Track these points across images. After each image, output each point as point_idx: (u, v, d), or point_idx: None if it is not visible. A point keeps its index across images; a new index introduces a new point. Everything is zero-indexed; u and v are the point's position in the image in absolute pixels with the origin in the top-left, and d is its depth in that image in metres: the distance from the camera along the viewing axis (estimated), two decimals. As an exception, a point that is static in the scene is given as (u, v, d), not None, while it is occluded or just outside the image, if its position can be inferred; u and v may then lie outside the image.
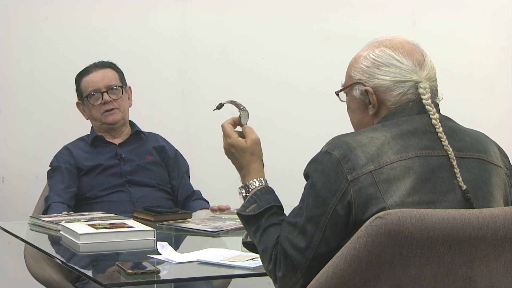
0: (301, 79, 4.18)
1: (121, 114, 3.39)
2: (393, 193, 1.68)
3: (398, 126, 1.77)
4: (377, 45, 1.85)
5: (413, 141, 1.75)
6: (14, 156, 4.06)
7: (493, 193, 1.78)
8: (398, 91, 1.80)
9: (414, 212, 1.58)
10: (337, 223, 1.70)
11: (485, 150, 1.83)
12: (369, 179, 1.70)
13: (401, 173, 1.70)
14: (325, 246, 1.71)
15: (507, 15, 4.20)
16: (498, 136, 4.20)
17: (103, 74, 3.38)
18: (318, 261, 1.71)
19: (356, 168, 1.71)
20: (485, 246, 1.63)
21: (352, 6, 4.15)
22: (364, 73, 1.83)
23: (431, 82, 1.82)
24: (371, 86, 1.82)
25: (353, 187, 1.70)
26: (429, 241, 1.58)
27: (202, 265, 2.13)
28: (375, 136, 1.75)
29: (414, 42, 1.87)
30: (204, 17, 4.13)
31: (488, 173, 1.79)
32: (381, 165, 1.71)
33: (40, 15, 4.06)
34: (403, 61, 1.81)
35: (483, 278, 1.65)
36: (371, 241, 1.56)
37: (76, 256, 2.42)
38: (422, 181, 1.71)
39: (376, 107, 1.83)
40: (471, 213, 1.62)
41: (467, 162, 1.78)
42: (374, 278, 1.59)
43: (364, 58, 1.84)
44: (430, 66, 1.83)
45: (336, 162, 1.72)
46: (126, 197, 3.29)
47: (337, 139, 1.77)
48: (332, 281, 1.59)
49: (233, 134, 2.02)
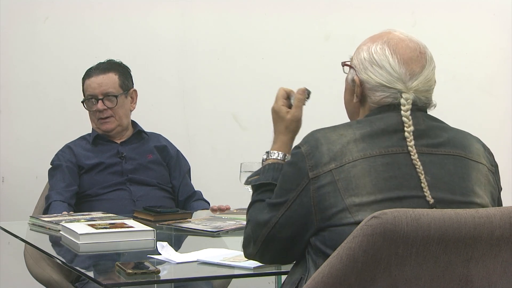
0: (301, 79, 4.17)
1: (117, 122, 3.36)
2: (352, 192, 1.71)
3: (371, 124, 1.79)
4: (383, 41, 1.85)
5: (381, 139, 1.77)
6: (14, 156, 4.06)
7: (473, 188, 1.78)
8: (381, 93, 1.82)
9: (410, 212, 1.58)
10: (292, 215, 1.77)
11: (464, 147, 1.82)
12: (329, 178, 1.73)
13: (362, 171, 1.72)
14: (277, 231, 1.80)
15: (507, 15, 4.20)
16: (498, 136, 4.23)
17: (102, 80, 3.34)
18: (272, 242, 1.81)
19: (318, 166, 1.75)
20: (481, 246, 1.63)
21: (352, 6, 4.15)
22: (360, 63, 1.86)
23: (420, 93, 1.82)
24: (360, 79, 1.85)
25: (313, 185, 1.74)
26: (425, 240, 1.58)
27: (202, 265, 2.13)
28: (345, 134, 1.78)
29: (421, 48, 1.84)
30: (204, 17, 4.13)
31: (466, 169, 1.79)
32: (343, 163, 1.74)
33: (40, 15, 4.06)
34: (395, 68, 1.81)
35: (480, 278, 1.65)
36: (366, 241, 1.56)
37: (76, 256, 2.42)
38: (385, 179, 1.72)
39: (359, 98, 1.86)
40: (467, 212, 1.62)
41: (440, 158, 1.78)
42: (370, 278, 1.59)
43: (366, 49, 1.86)
44: (426, 78, 1.82)
45: (302, 157, 1.78)
46: (126, 196, 3.29)
47: (311, 134, 1.82)
48: (328, 280, 1.60)
49: (279, 100, 2.05)
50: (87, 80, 3.37)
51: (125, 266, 1.98)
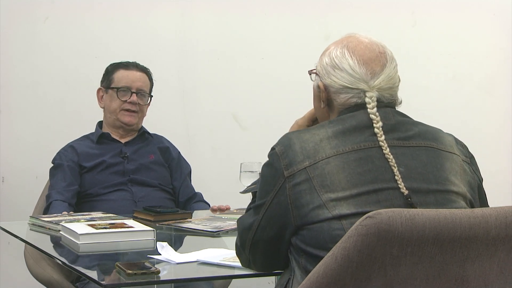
0: (301, 79, 4.17)
1: (138, 119, 3.43)
2: (327, 188, 1.74)
3: (343, 121, 1.83)
4: (342, 45, 1.90)
5: (353, 136, 1.80)
6: (14, 156, 4.06)
7: (448, 177, 1.81)
8: (345, 95, 1.87)
9: (405, 212, 1.58)
10: (271, 215, 1.80)
11: (435, 139, 1.86)
12: (304, 175, 1.76)
13: (336, 167, 1.75)
14: (260, 233, 1.84)
15: (507, 15, 4.20)
16: (498, 136, 4.23)
17: (141, 77, 3.43)
18: (258, 245, 1.85)
19: (293, 164, 1.77)
20: (477, 245, 1.63)
21: (352, 6, 4.16)
22: (322, 68, 1.92)
23: (383, 91, 1.85)
24: (324, 84, 1.90)
25: (288, 183, 1.77)
26: (420, 240, 1.58)
27: (202, 265, 2.13)
28: (318, 133, 1.81)
29: (381, 48, 1.89)
30: (204, 17, 4.14)
31: (439, 159, 1.82)
32: (316, 160, 1.76)
33: (40, 15, 4.06)
34: (356, 69, 1.86)
35: (476, 278, 1.64)
36: (361, 241, 1.56)
37: (76, 256, 2.42)
38: (359, 174, 1.75)
39: (326, 103, 1.91)
40: (462, 212, 1.62)
41: (412, 150, 1.81)
42: (365, 278, 1.59)
43: (328, 54, 1.92)
44: (387, 76, 1.86)
45: (276, 157, 1.81)
46: (128, 196, 3.30)
47: (285, 135, 1.85)
48: (323, 280, 1.60)
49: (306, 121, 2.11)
50: (124, 71, 3.42)
51: (125, 266, 1.98)
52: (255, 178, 3.08)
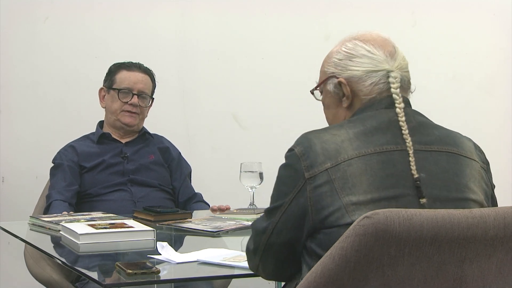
0: (301, 79, 4.17)
1: (139, 120, 3.43)
2: (349, 191, 1.69)
3: (363, 122, 1.78)
4: (349, 40, 1.88)
5: (375, 137, 1.75)
6: (14, 156, 4.06)
7: (468, 184, 1.77)
8: (370, 80, 1.82)
9: (402, 212, 1.57)
10: (289, 218, 1.75)
11: (456, 144, 1.82)
12: (325, 177, 1.71)
13: (358, 170, 1.71)
14: (275, 237, 1.78)
15: (507, 15, 4.20)
16: (498, 136, 4.23)
17: (143, 79, 3.42)
18: (272, 249, 1.80)
19: (314, 166, 1.72)
20: (475, 246, 1.62)
21: (352, 6, 4.16)
22: (337, 66, 1.86)
23: (402, 72, 1.84)
24: (344, 78, 1.84)
25: (309, 185, 1.72)
26: (418, 241, 1.58)
27: (202, 265, 2.13)
28: (338, 133, 1.76)
29: (386, 36, 1.88)
30: (204, 17, 4.14)
31: (459, 166, 1.79)
32: (338, 162, 1.72)
33: (40, 15, 4.06)
34: (375, 52, 1.83)
35: (474, 278, 1.64)
36: (358, 241, 1.56)
37: (76, 256, 2.42)
38: (382, 178, 1.71)
39: (350, 98, 1.85)
40: (460, 213, 1.61)
41: (434, 155, 1.77)
42: (363, 278, 1.59)
43: (336, 52, 1.88)
44: (402, 57, 1.85)
45: (297, 158, 1.75)
46: (127, 197, 3.30)
47: (303, 135, 1.80)
48: (321, 280, 1.59)
49: None
50: (127, 72, 3.42)
51: (125, 266, 1.98)
52: (255, 178, 3.10)
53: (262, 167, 3.10)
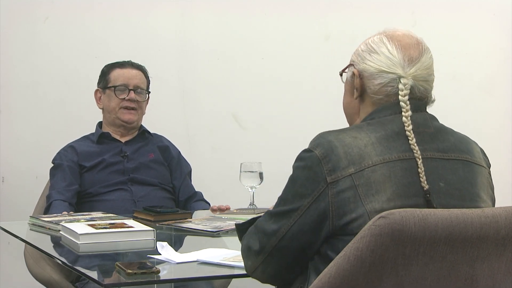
0: (301, 79, 4.18)
1: (138, 116, 3.44)
2: (372, 198, 1.66)
3: (383, 126, 1.74)
4: (380, 33, 1.85)
5: (397, 143, 1.72)
6: (14, 156, 4.06)
7: (479, 193, 1.76)
8: (379, 80, 1.79)
9: (417, 212, 1.57)
10: (306, 221, 1.70)
11: (469, 151, 1.80)
12: (349, 182, 1.67)
13: (382, 176, 1.67)
14: (288, 240, 1.73)
15: (507, 15, 4.20)
16: (498, 136, 4.22)
17: (137, 74, 3.44)
18: (281, 252, 1.74)
19: (336, 170, 1.68)
20: (487, 245, 1.63)
21: (352, 6, 4.16)
22: (358, 56, 1.84)
23: (417, 81, 1.78)
24: (358, 70, 1.82)
25: (331, 189, 1.68)
26: (432, 240, 1.58)
27: (202, 265, 2.13)
28: (359, 136, 1.72)
29: (419, 39, 1.83)
30: (204, 17, 4.14)
31: (473, 174, 1.77)
32: (362, 167, 1.68)
33: (40, 15, 4.06)
34: (393, 53, 1.79)
35: (485, 277, 1.65)
36: (374, 241, 1.55)
37: (76, 256, 2.42)
38: (404, 185, 1.68)
39: (359, 91, 1.83)
40: (473, 212, 1.62)
41: (452, 163, 1.75)
42: (377, 278, 1.58)
43: (363, 43, 1.85)
44: (424, 66, 1.79)
45: (317, 161, 1.70)
46: (127, 196, 3.30)
47: (321, 136, 1.74)
48: (335, 281, 1.58)
49: None
50: (119, 70, 3.43)
51: (125, 266, 1.98)
52: (255, 178, 3.10)
53: (262, 167, 3.10)
